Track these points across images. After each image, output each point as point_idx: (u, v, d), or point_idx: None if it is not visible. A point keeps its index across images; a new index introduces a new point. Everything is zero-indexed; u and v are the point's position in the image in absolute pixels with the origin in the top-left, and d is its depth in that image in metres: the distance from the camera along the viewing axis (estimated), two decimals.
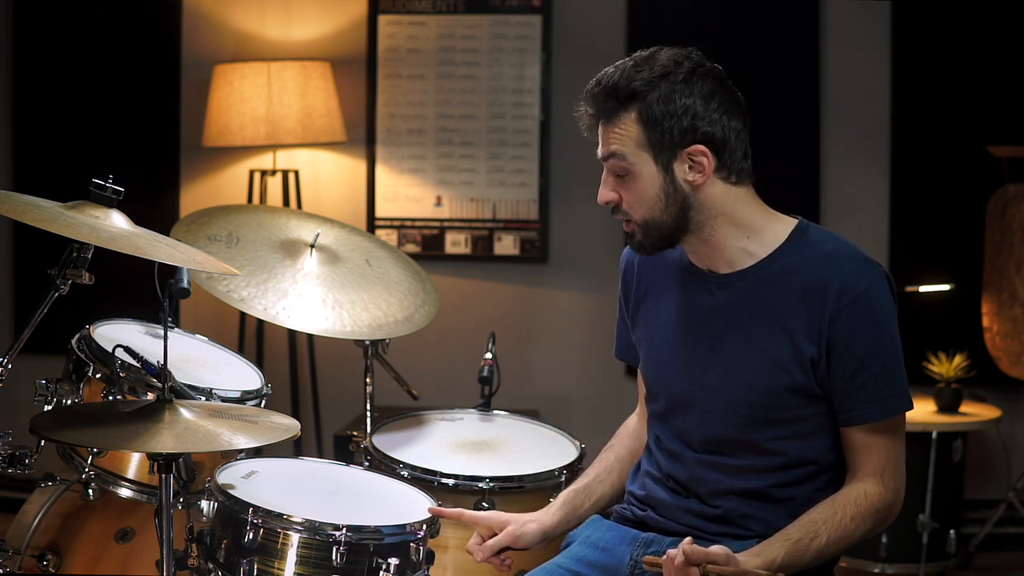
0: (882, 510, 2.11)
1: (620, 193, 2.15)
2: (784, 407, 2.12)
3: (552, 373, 4.92)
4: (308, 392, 4.88)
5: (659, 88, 2.09)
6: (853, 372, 2.09)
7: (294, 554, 2.17)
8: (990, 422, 4.38)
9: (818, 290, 2.09)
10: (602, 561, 2.24)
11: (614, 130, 2.12)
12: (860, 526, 2.09)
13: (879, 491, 2.10)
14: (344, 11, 4.97)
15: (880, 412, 2.10)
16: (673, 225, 2.14)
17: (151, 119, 5.01)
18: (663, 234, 2.15)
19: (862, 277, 2.09)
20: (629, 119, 2.11)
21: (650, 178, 2.12)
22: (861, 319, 2.08)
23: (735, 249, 2.16)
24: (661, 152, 2.10)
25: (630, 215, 2.15)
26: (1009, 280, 4.45)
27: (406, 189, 4.95)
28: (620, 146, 2.12)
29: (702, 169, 2.11)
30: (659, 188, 2.12)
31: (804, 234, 2.16)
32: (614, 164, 2.13)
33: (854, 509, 2.09)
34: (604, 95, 2.13)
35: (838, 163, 4.78)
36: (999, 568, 4.54)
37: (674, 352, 2.22)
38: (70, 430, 2.14)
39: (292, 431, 2.18)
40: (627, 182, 2.13)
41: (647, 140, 2.10)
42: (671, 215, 2.13)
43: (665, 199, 2.12)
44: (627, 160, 2.12)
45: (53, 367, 2.63)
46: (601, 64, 2.19)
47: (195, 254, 2.28)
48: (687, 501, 2.21)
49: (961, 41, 4.69)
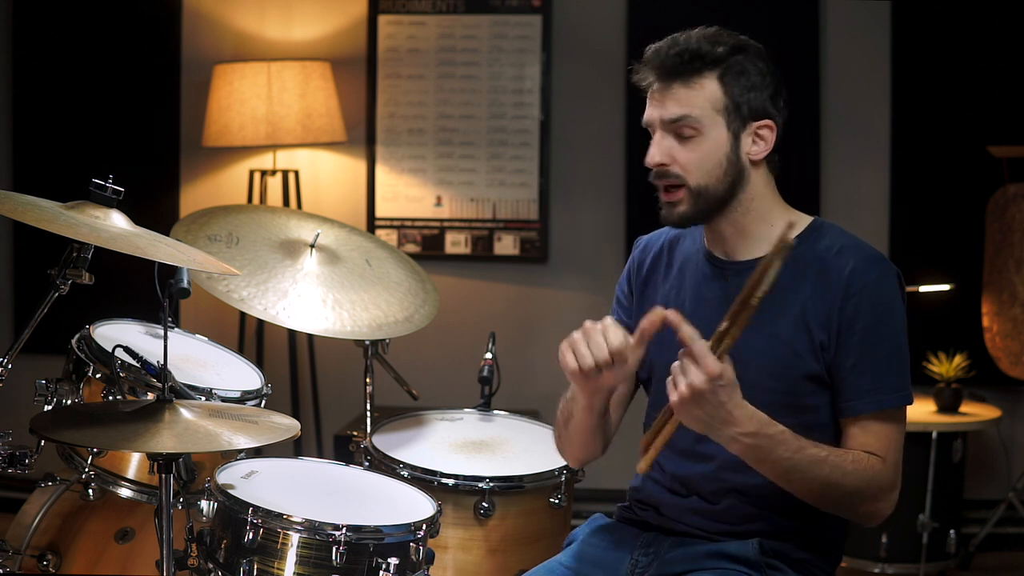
0: (878, 483, 2.08)
1: (676, 156, 2.14)
2: (799, 394, 2.12)
3: (552, 373, 4.87)
4: (308, 392, 4.88)
5: (741, 59, 2.13)
6: (856, 360, 2.09)
7: (294, 554, 2.17)
8: (990, 422, 4.38)
9: (832, 279, 2.11)
10: (603, 560, 2.24)
11: (690, 90, 2.12)
12: (855, 475, 2.05)
13: (880, 466, 2.09)
14: (344, 11, 4.97)
15: (880, 402, 2.10)
16: (722, 197, 2.15)
17: (151, 119, 5.01)
18: (709, 204, 2.15)
19: (874, 269, 2.12)
20: (711, 81, 2.12)
21: (718, 143, 2.13)
22: (866, 308, 2.09)
23: (758, 236, 2.18)
24: (735, 119, 2.13)
25: (684, 179, 2.14)
26: (1009, 280, 4.45)
27: (406, 189, 4.95)
28: (696, 106, 2.12)
29: (765, 145, 2.15)
30: (723, 155, 2.13)
31: (821, 229, 2.19)
32: (682, 126, 2.13)
33: (856, 458, 2.07)
34: (689, 56, 2.12)
35: (838, 163, 4.79)
36: (999, 568, 4.54)
37: None
38: (70, 430, 2.14)
39: (292, 431, 2.18)
40: (692, 144, 2.13)
41: (725, 105, 2.12)
42: (725, 185, 2.14)
43: (726, 166, 2.14)
44: (700, 122, 2.12)
45: (53, 367, 2.63)
46: (601, 64, 2.20)
47: (195, 254, 2.28)
48: (688, 500, 2.21)
49: (961, 41, 4.68)
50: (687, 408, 1.95)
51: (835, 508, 2.11)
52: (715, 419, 1.97)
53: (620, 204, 4.86)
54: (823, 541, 2.20)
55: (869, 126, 4.80)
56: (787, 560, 2.15)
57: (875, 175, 4.80)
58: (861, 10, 4.77)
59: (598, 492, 4.03)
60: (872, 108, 4.79)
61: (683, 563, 2.17)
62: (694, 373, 1.92)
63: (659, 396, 2.28)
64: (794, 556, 2.16)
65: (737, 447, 2.01)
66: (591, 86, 4.84)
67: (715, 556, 2.15)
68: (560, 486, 2.74)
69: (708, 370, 1.91)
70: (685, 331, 1.94)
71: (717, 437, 2.00)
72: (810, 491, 2.07)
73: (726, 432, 1.98)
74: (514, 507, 2.70)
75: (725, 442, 2.00)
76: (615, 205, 4.87)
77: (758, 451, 2.01)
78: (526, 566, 2.42)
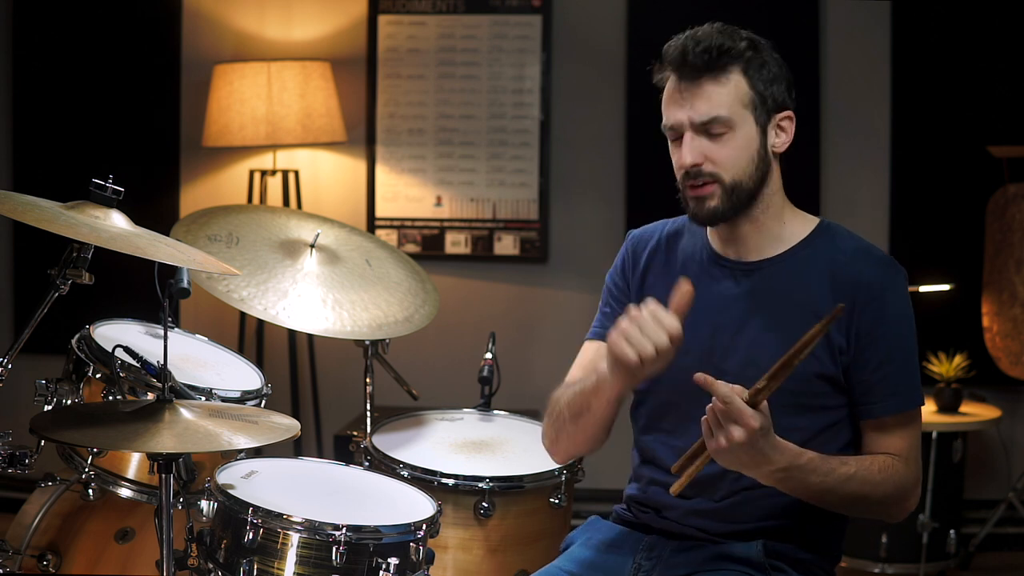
0: (904, 486, 2.12)
1: (709, 154, 2.13)
2: (812, 395, 2.13)
3: (552, 373, 4.89)
4: (308, 392, 4.88)
5: (758, 54, 2.14)
6: (877, 364, 2.11)
7: (294, 554, 2.17)
8: (990, 422, 4.38)
9: (848, 281, 2.12)
10: (604, 564, 2.23)
11: (718, 87, 2.12)
12: (884, 484, 2.09)
13: (904, 468, 2.12)
14: (344, 11, 4.97)
15: (901, 404, 2.13)
16: (754, 191, 2.16)
17: (151, 119, 5.01)
18: (741, 200, 2.15)
19: (889, 273, 2.14)
20: (737, 76, 2.12)
21: (749, 138, 2.14)
22: (888, 314, 2.11)
23: (770, 234, 2.19)
24: (762, 112, 2.14)
25: (719, 176, 2.13)
26: (1009, 280, 4.45)
27: (406, 189, 4.95)
28: (725, 105, 2.12)
29: (787, 135, 2.17)
30: (755, 149, 2.14)
31: (829, 229, 2.21)
32: (713, 124, 2.12)
33: (882, 466, 2.10)
34: (717, 51, 2.11)
35: (838, 163, 4.79)
36: (999, 568, 4.54)
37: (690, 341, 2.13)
38: (70, 430, 2.13)
39: (292, 431, 2.18)
40: (724, 141, 2.13)
41: (752, 99, 2.13)
42: (756, 179, 2.15)
43: (758, 160, 2.15)
44: (731, 119, 2.12)
45: (53, 367, 2.63)
46: (601, 64, 2.20)
47: (195, 254, 2.28)
48: (692, 502, 2.20)
49: (961, 41, 4.69)
50: (725, 456, 1.97)
51: (867, 514, 2.16)
52: (752, 462, 1.99)
53: (620, 204, 4.86)
54: (824, 540, 2.21)
55: (869, 126, 4.80)
56: (790, 561, 2.16)
57: (875, 175, 4.80)
58: (861, 10, 4.77)
59: (598, 492, 4.03)
60: (872, 108, 4.79)
61: (687, 566, 2.17)
62: (736, 430, 1.93)
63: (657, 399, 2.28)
64: (797, 556, 2.16)
65: (771, 480, 2.03)
66: (591, 86, 4.84)
67: (719, 558, 2.15)
68: (560, 486, 2.74)
69: (748, 425, 1.92)
70: (720, 390, 1.93)
71: (753, 475, 2.03)
72: (843, 506, 2.12)
73: (762, 471, 2.01)
74: (514, 507, 2.70)
75: (760, 478, 2.03)
76: (615, 205, 4.87)
77: (792, 482, 2.04)
78: (526, 566, 2.42)
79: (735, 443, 1.92)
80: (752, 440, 1.92)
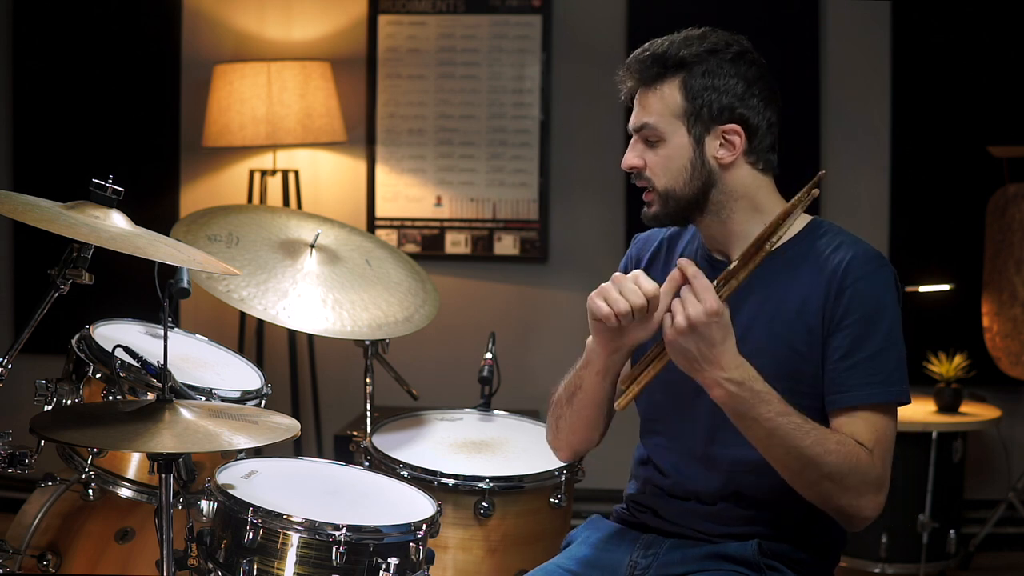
0: (862, 470, 2.03)
1: (646, 160, 2.18)
2: (800, 393, 2.09)
3: (552, 373, 4.89)
4: (308, 392, 4.88)
5: (706, 62, 2.14)
6: (844, 353, 2.08)
7: (294, 554, 2.17)
8: (990, 422, 4.38)
9: (827, 272, 2.11)
10: (601, 561, 2.23)
11: (653, 96, 2.16)
12: (837, 456, 2.01)
13: (867, 458, 2.04)
14: (344, 11, 4.97)
15: (866, 396, 2.07)
16: (692, 199, 2.17)
17: (151, 119, 5.01)
18: (679, 207, 2.17)
19: (870, 266, 2.11)
20: (672, 86, 2.15)
21: (680, 148, 2.15)
22: (860, 301, 2.08)
23: (752, 236, 2.17)
24: (696, 124, 2.14)
25: (652, 182, 2.18)
26: (1009, 280, 4.45)
27: (406, 189, 4.95)
28: (656, 113, 2.15)
29: (732, 148, 2.15)
30: (687, 159, 2.15)
31: (819, 227, 2.20)
32: (646, 132, 2.17)
33: (842, 439, 2.03)
34: (651, 61, 2.16)
35: (838, 163, 4.79)
36: (999, 568, 4.54)
37: None
38: (70, 430, 2.13)
39: (292, 431, 2.18)
40: (656, 149, 2.16)
41: (684, 110, 2.14)
42: (692, 189, 2.16)
43: (691, 171, 2.15)
44: (660, 128, 2.15)
45: (53, 367, 2.63)
46: (601, 64, 2.21)
47: (195, 254, 2.28)
48: (687, 503, 2.21)
49: (961, 41, 4.69)
50: (680, 341, 1.99)
51: (815, 492, 2.05)
52: (704, 357, 1.99)
53: (620, 204, 4.86)
54: (822, 542, 2.20)
55: (869, 126, 4.80)
56: (786, 561, 2.15)
57: (875, 175, 4.80)
58: (861, 10, 4.77)
59: (598, 492, 4.03)
60: (872, 108, 4.79)
61: (682, 564, 2.17)
62: (693, 306, 1.97)
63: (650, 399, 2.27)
64: (793, 557, 2.16)
65: (720, 392, 2.01)
66: (591, 86, 4.84)
67: (714, 557, 2.15)
68: (560, 486, 2.74)
69: (708, 305, 1.97)
70: (691, 269, 1.99)
71: (702, 378, 2.01)
72: (789, 464, 2.03)
73: (711, 374, 2.00)
74: (514, 507, 2.70)
75: (709, 385, 2.01)
76: (615, 205, 4.87)
77: (741, 402, 2.00)
78: (526, 566, 2.42)
79: (692, 323, 1.96)
80: (708, 323, 1.96)
